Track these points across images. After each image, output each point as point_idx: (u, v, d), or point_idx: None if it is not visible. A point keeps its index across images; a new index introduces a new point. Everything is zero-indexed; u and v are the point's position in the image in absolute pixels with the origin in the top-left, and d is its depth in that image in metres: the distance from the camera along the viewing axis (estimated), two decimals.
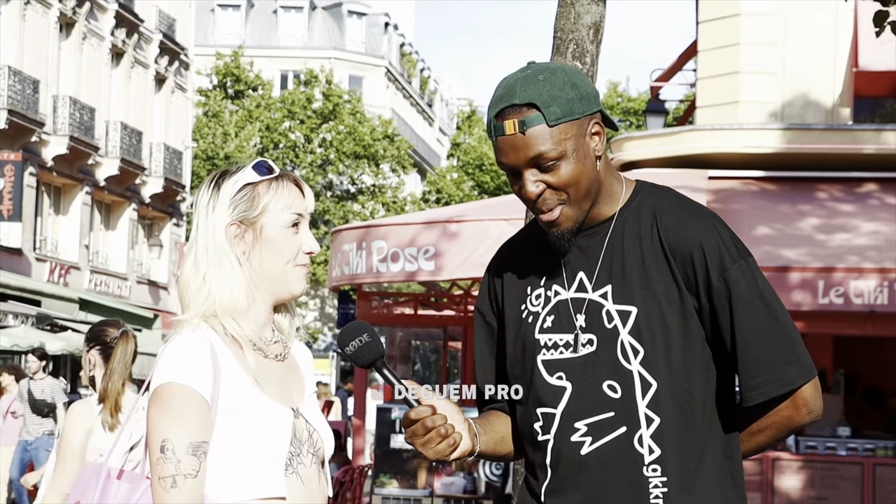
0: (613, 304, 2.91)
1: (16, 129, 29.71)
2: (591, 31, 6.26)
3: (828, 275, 13.50)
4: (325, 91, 50.01)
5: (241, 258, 2.92)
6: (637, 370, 2.87)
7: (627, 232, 2.95)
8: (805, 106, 17.56)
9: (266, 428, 2.83)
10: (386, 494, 13.10)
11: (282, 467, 2.84)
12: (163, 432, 2.75)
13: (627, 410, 2.87)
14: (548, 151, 2.84)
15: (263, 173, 2.95)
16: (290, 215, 2.95)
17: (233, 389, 2.82)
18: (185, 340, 2.84)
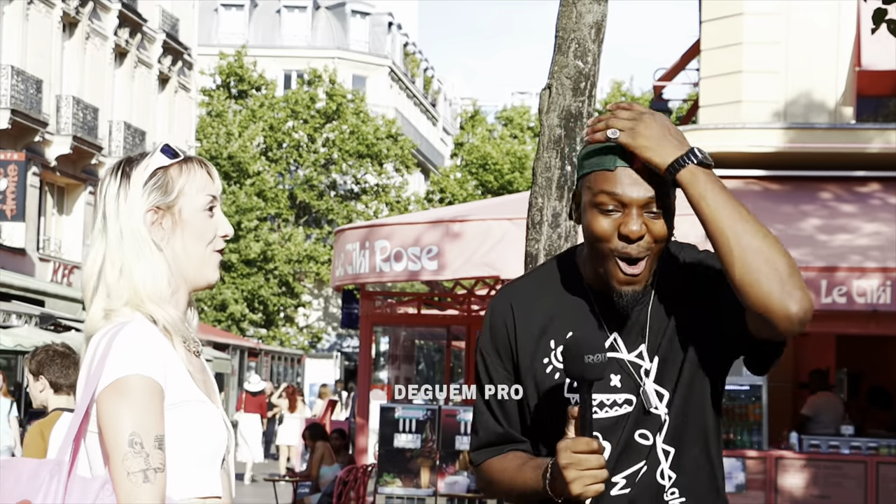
0: (647, 362, 2.97)
1: (19, 128, 29.73)
2: (592, 30, 6.27)
3: (830, 274, 13.50)
4: (329, 91, 50.01)
5: (160, 244, 2.83)
6: (663, 413, 2.97)
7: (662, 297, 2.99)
8: (808, 105, 17.56)
9: (206, 425, 2.76)
10: (389, 493, 13.13)
11: (219, 465, 2.79)
12: (130, 426, 2.64)
13: (650, 451, 2.98)
14: (665, 196, 2.86)
15: (173, 157, 2.89)
16: (206, 197, 2.87)
17: (178, 383, 2.74)
18: (140, 330, 2.73)
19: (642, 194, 2.84)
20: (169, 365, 2.73)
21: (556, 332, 3.02)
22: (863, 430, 14.99)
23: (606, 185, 2.86)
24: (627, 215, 2.85)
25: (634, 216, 2.85)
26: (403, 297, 20.27)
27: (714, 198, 2.81)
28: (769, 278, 2.73)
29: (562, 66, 6.28)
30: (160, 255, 2.82)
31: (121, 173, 2.87)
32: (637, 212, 2.85)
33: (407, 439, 13.12)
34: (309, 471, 16.19)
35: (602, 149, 2.90)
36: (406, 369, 21.24)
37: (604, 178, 2.87)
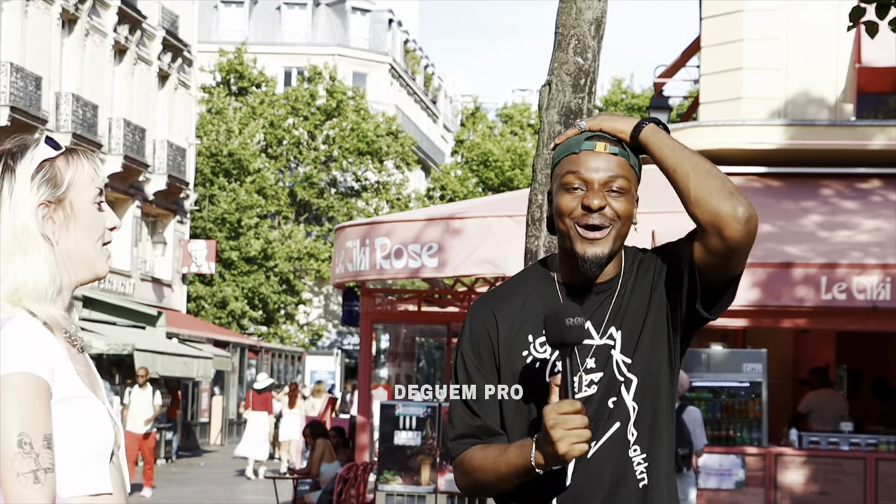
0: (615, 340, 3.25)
1: (18, 126, 29.71)
2: (592, 26, 6.27)
3: (830, 271, 13.51)
4: (329, 88, 50.02)
5: (51, 239, 2.74)
6: (626, 376, 3.23)
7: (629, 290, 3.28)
8: (808, 102, 17.56)
9: (92, 422, 2.69)
10: (390, 491, 13.12)
11: (107, 461, 2.72)
12: (17, 425, 2.54)
13: (621, 408, 3.22)
14: (623, 178, 3.20)
15: (57, 148, 2.79)
16: (94, 190, 2.80)
17: (63, 379, 2.66)
18: (24, 326, 2.63)
19: (603, 174, 3.18)
20: (54, 361, 2.65)
21: (532, 326, 3.27)
22: (862, 426, 15.00)
23: (571, 165, 3.21)
24: (590, 190, 3.18)
25: (595, 191, 3.18)
26: (404, 294, 20.28)
27: (673, 145, 3.18)
28: (719, 189, 3.10)
29: (562, 62, 6.28)
30: (49, 251, 2.73)
31: (3, 166, 2.75)
32: (599, 188, 3.18)
33: (407, 436, 13.11)
34: (309, 468, 16.19)
35: (570, 138, 3.26)
36: (406, 366, 21.25)
37: (569, 160, 3.23)
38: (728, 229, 3.06)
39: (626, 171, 3.20)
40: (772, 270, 13.68)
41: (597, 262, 3.19)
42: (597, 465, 3.17)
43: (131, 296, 35.34)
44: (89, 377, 2.78)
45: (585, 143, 3.21)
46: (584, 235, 3.17)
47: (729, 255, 3.11)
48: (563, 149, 3.25)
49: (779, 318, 14.31)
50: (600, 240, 3.17)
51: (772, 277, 13.65)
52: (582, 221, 3.17)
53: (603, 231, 3.17)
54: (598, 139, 3.22)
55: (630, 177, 3.21)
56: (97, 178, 2.82)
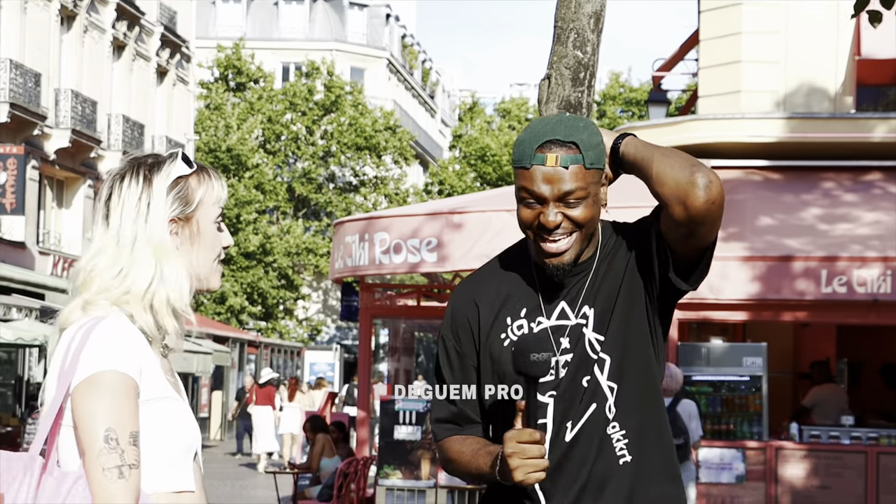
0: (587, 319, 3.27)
1: (18, 122, 29.70)
2: (591, 20, 6.26)
3: (831, 264, 13.50)
4: (327, 83, 50.00)
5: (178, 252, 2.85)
6: (599, 356, 3.25)
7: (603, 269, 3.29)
8: (807, 95, 17.55)
9: (178, 422, 2.77)
10: (390, 485, 13.12)
11: (192, 460, 2.80)
12: (105, 422, 2.63)
13: (595, 389, 3.24)
14: (578, 190, 3.16)
15: (190, 166, 2.87)
16: (217, 210, 2.89)
17: (152, 380, 2.75)
18: (116, 326, 2.73)
19: (555, 191, 3.15)
20: (144, 361, 2.73)
21: (510, 309, 3.31)
22: (863, 420, 15.00)
23: (524, 181, 3.18)
24: (545, 207, 3.16)
25: (550, 208, 3.16)
26: (403, 289, 20.27)
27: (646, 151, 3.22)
28: (680, 163, 3.12)
29: (561, 56, 6.27)
30: (179, 264, 2.84)
31: (142, 178, 2.84)
32: (553, 204, 3.16)
33: (407, 431, 13.12)
34: (309, 463, 16.18)
35: (523, 143, 3.20)
36: (406, 361, 21.22)
37: (521, 175, 3.20)
38: (689, 197, 3.07)
39: (580, 178, 3.16)
40: (772, 264, 13.67)
41: (561, 271, 3.22)
42: (578, 449, 3.22)
43: None
44: (174, 379, 2.88)
45: (536, 157, 3.16)
46: (546, 249, 3.19)
47: (694, 223, 3.11)
48: (517, 156, 3.21)
49: (779, 312, 14.30)
50: (564, 251, 3.19)
51: (772, 271, 13.64)
52: (542, 237, 3.19)
53: (561, 243, 3.19)
54: (548, 148, 3.16)
55: (587, 180, 3.17)
56: (222, 199, 2.92)
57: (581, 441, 3.23)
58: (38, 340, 23.26)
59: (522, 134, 3.22)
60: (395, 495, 13.13)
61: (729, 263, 13.64)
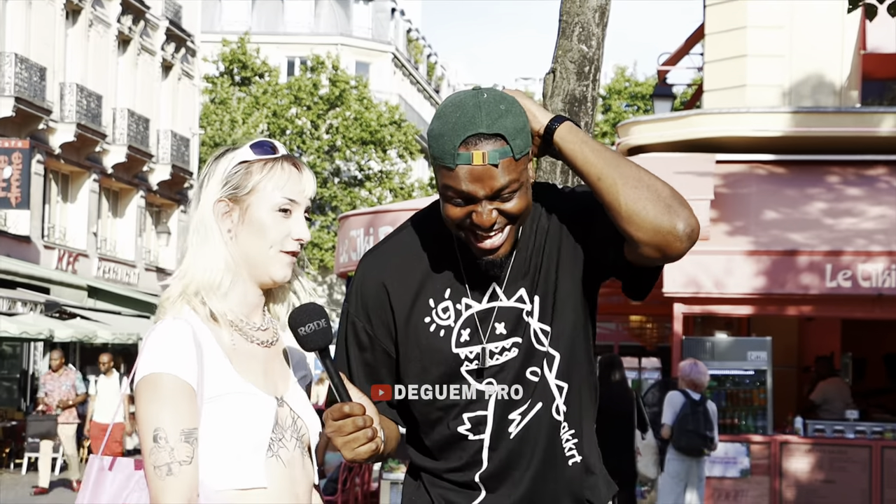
0: (528, 304, 3.02)
1: (23, 116, 29.72)
2: (596, 13, 6.25)
3: (836, 258, 13.50)
4: (332, 77, 49.99)
5: (226, 236, 2.85)
6: (546, 350, 3.04)
7: (528, 236, 3.04)
8: (812, 89, 17.54)
9: (248, 416, 2.78)
10: (395, 479, 13.12)
11: (262, 456, 2.79)
12: (155, 421, 2.70)
13: (543, 387, 3.05)
14: (511, 183, 2.85)
15: (261, 153, 2.88)
16: (281, 199, 2.85)
17: (216, 376, 2.77)
18: (169, 328, 2.78)
19: (487, 190, 2.84)
20: (206, 359, 2.77)
21: (432, 290, 3.05)
22: (868, 414, 15.00)
23: (449, 180, 2.86)
24: (475, 205, 2.86)
25: (483, 206, 2.86)
26: None
27: (594, 147, 2.90)
28: (654, 202, 2.81)
29: (566, 50, 6.27)
30: (222, 246, 2.84)
31: (214, 160, 2.91)
32: (485, 202, 2.86)
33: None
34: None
35: (442, 139, 2.85)
36: None
37: (445, 174, 2.86)
38: (668, 248, 2.82)
39: (511, 170, 2.84)
40: (776, 258, 13.67)
41: (498, 263, 2.96)
42: (521, 444, 3.05)
43: (136, 285, 35.38)
44: (264, 372, 2.88)
45: (460, 156, 2.82)
46: (482, 248, 2.92)
47: (666, 261, 2.89)
48: (437, 153, 2.86)
49: (784, 306, 14.30)
50: (500, 246, 2.92)
51: (776, 265, 13.64)
52: (476, 235, 2.91)
53: (499, 237, 2.91)
54: (473, 144, 2.82)
55: (518, 170, 2.86)
56: (291, 189, 2.86)
57: (528, 438, 3.05)
58: (43, 334, 23.29)
59: (437, 125, 2.87)
60: (399, 489, 13.13)
61: (734, 258, 13.64)
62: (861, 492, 13.87)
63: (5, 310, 23.95)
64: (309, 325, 2.80)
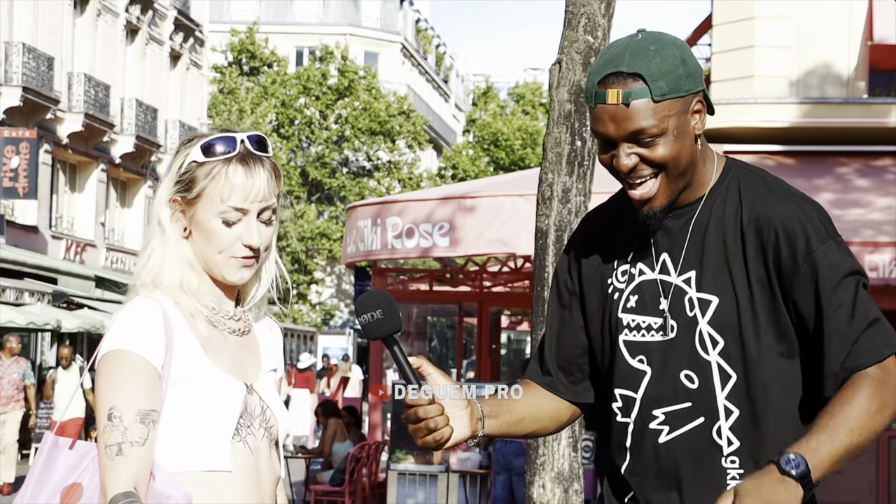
0: (696, 291, 2.83)
1: (31, 106, 29.75)
2: (602, 4, 6.25)
3: None
4: (341, 67, 49.97)
5: (182, 234, 2.82)
6: (716, 361, 2.79)
7: (714, 216, 2.85)
8: (820, 80, 17.50)
9: (216, 399, 2.74)
10: (402, 470, 13.14)
11: (228, 439, 2.74)
12: (110, 399, 2.64)
13: (706, 401, 2.80)
14: (649, 127, 2.74)
15: (213, 153, 2.79)
16: (225, 207, 2.77)
17: (184, 359, 2.73)
18: (138, 307, 2.73)
19: (622, 131, 2.75)
20: (175, 341, 2.72)
21: (622, 251, 2.95)
22: None
23: (594, 123, 2.81)
24: (617, 150, 2.78)
25: (621, 150, 2.77)
26: (415, 273, 20.28)
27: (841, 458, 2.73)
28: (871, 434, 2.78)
29: (572, 41, 6.26)
30: (181, 245, 2.81)
31: (178, 149, 2.85)
32: (624, 145, 2.76)
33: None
34: (321, 448, 16.21)
35: (590, 78, 2.81)
36: (418, 346, 21.27)
37: (592, 116, 2.82)
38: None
39: (651, 114, 2.73)
40: None
41: (655, 217, 2.81)
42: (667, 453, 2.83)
43: None
44: (234, 359, 2.84)
45: (598, 95, 2.76)
46: (632, 196, 2.82)
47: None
48: (586, 95, 2.81)
49: None
50: (647, 196, 2.79)
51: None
52: (623, 180, 2.81)
53: (645, 187, 2.79)
54: (610, 83, 2.74)
55: (659, 115, 2.73)
56: (237, 197, 2.77)
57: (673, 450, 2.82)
58: (51, 325, 23.31)
59: (593, 64, 2.85)
60: (406, 480, 13.15)
61: None
62: (868, 482, 13.85)
63: (13, 300, 23.98)
64: (364, 317, 2.79)
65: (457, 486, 13.36)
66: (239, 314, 2.90)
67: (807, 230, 2.76)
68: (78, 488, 2.74)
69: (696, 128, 2.81)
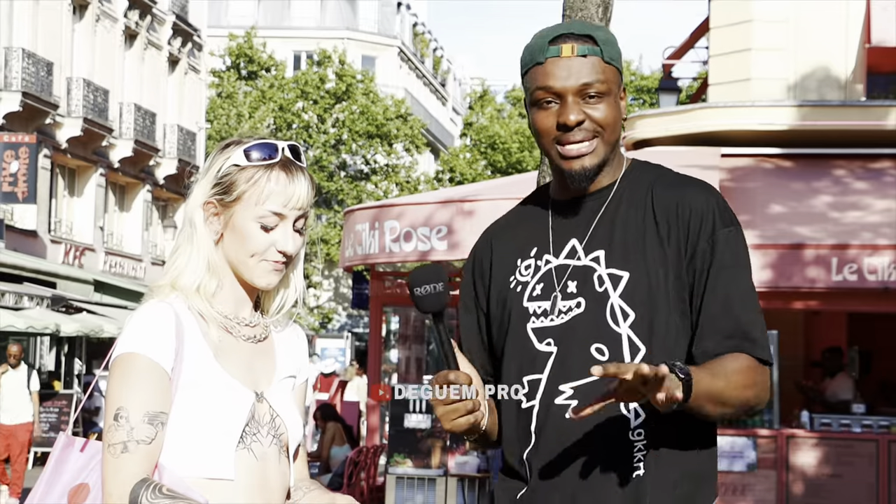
0: (606, 268, 2.89)
1: (30, 111, 29.76)
2: (599, 8, 6.26)
3: (842, 251, 13.48)
4: (338, 71, 49.98)
5: (214, 237, 2.81)
6: (626, 333, 2.84)
7: (624, 200, 2.94)
8: (818, 82, 17.52)
9: (222, 406, 2.72)
10: (400, 474, 13.13)
11: (232, 447, 2.72)
12: (119, 400, 2.65)
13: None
14: (599, 83, 2.84)
15: (255, 159, 2.80)
16: (265, 211, 2.78)
17: (194, 364, 2.72)
18: (151, 310, 2.73)
19: (573, 82, 2.84)
20: (187, 346, 2.72)
21: (522, 249, 3.03)
22: (874, 408, 14.97)
23: (539, 79, 2.87)
24: (563, 105, 2.85)
25: (570, 104, 2.84)
26: None
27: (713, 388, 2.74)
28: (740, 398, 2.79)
29: None
30: (207, 248, 2.80)
31: (217, 152, 2.85)
32: (573, 99, 2.85)
33: (418, 419, 13.13)
34: (319, 451, 16.21)
35: (534, 43, 2.90)
36: (416, 349, 21.25)
37: (536, 73, 2.88)
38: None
39: (601, 71, 2.85)
40: (782, 251, 13.65)
41: (584, 175, 2.89)
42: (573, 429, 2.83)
43: (142, 280, 35.39)
44: (247, 366, 2.82)
45: (550, 50, 2.85)
46: (566, 154, 2.87)
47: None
48: (528, 58, 2.90)
49: (790, 300, 14.27)
50: (585, 154, 2.87)
51: (783, 258, 13.62)
52: (562, 140, 2.87)
53: (586, 145, 2.86)
54: (563, 40, 2.86)
55: (608, 76, 2.86)
56: (276, 202, 2.79)
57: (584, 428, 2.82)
58: (50, 329, 23.30)
59: (531, 39, 2.93)
60: (405, 483, 13.15)
61: None
62: (868, 486, 13.85)
63: (12, 304, 23.97)
64: (425, 287, 2.75)
65: (455, 490, 13.36)
66: (255, 320, 2.89)
67: (714, 213, 2.87)
68: (85, 488, 2.74)
69: (624, 112, 2.94)
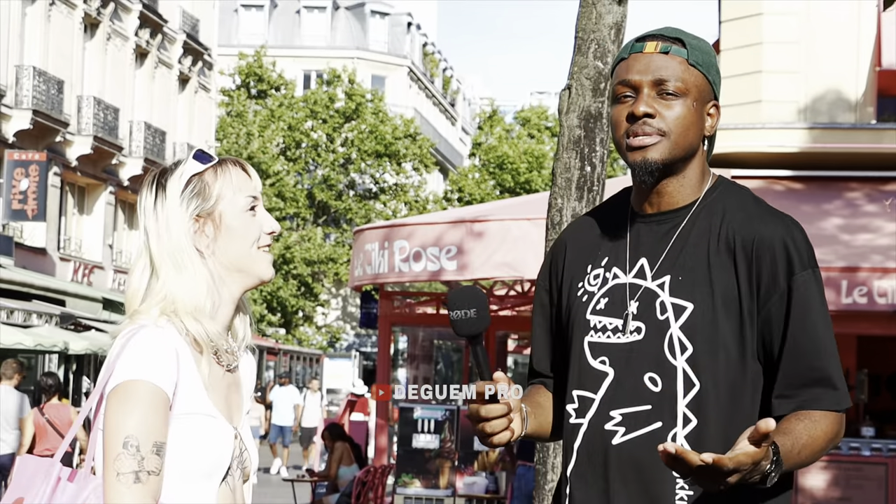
0: (670, 296, 2.81)
1: (40, 129, 29.83)
2: (612, 31, 6.26)
3: (851, 274, 13.46)
4: (348, 90, 50.09)
5: (205, 253, 2.79)
6: (682, 367, 2.76)
7: (699, 225, 2.85)
8: (828, 105, 17.51)
9: (212, 440, 2.72)
10: (409, 494, 13.12)
11: (217, 483, 2.73)
12: (127, 428, 2.60)
13: (667, 406, 2.77)
14: (676, 80, 2.80)
15: (206, 161, 2.83)
16: (245, 198, 2.82)
17: (188, 394, 2.70)
18: (153, 337, 2.68)
19: (650, 76, 2.82)
20: (182, 375, 2.69)
21: (594, 256, 2.98)
22: (883, 431, 14.94)
23: (620, 73, 2.87)
24: (639, 95, 2.83)
25: (643, 97, 2.82)
26: (422, 297, 20.28)
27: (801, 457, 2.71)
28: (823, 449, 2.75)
29: (581, 66, 6.27)
30: (202, 266, 2.77)
31: (156, 185, 2.80)
32: (648, 92, 2.82)
33: (426, 440, 13.12)
34: (328, 471, 16.19)
35: (626, 43, 2.92)
36: (424, 369, 21.24)
37: (619, 68, 2.88)
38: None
39: (681, 70, 2.81)
40: None
41: (645, 168, 2.81)
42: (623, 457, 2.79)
43: None
44: (227, 397, 2.82)
45: (635, 46, 2.86)
46: (631, 144, 2.82)
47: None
48: (617, 57, 2.91)
49: None
50: (648, 146, 2.80)
51: None
52: (629, 132, 2.81)
53: (650, 138, 2.80)
54: (650, 38, 2.87)
55: (689, 78, 2.82)
56: (247, 187, 2.84)
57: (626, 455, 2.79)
58: (58, 346, 23.32)
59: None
60: None
61: None
62: None
63: (21, 322, 24.00)
64: (461, 311, 2.73)
65: None
66: (234, 347, 2.89)
67: (790, 252, 2.85)
68: None
69: (707, 128, 2.88)
